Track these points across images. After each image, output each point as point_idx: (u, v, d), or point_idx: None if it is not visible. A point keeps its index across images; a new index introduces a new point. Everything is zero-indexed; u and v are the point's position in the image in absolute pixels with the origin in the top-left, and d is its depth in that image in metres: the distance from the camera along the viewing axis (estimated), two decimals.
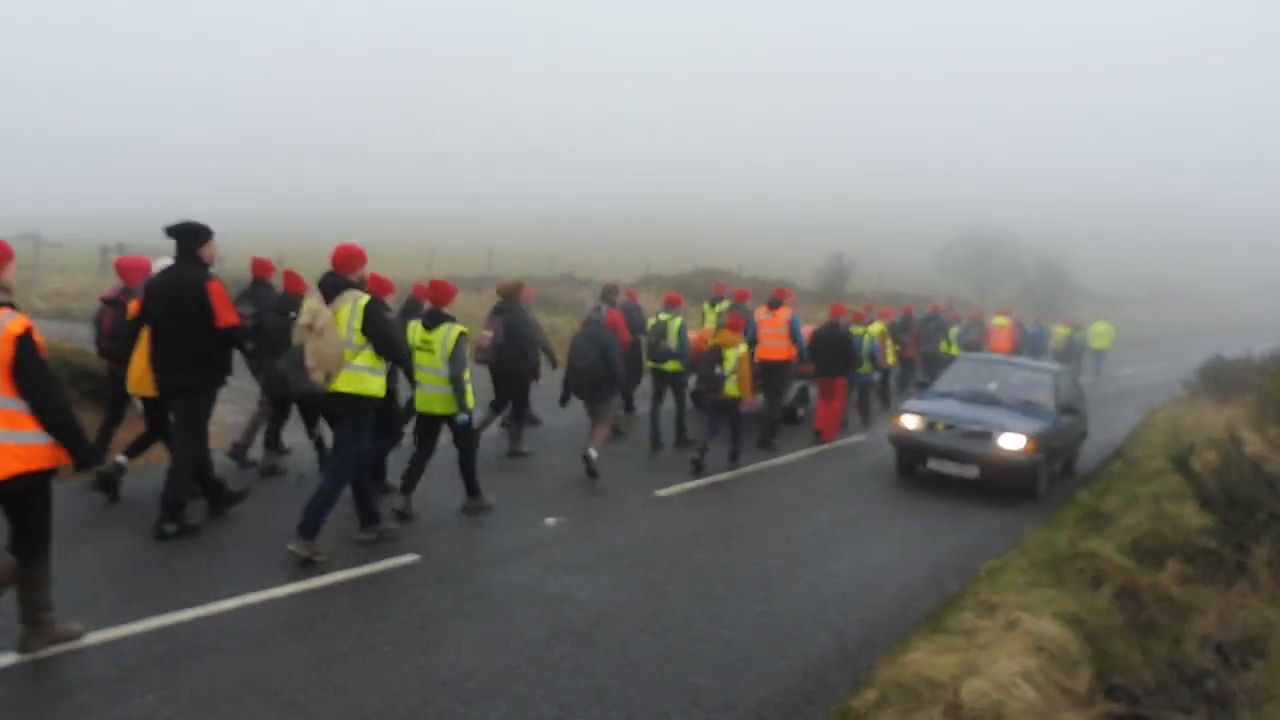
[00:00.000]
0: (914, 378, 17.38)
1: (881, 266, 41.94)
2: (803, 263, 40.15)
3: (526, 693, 4.32)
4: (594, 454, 8.61)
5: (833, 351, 11.36)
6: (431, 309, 6.93)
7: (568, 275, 30.78)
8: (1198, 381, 15.44)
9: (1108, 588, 5.37)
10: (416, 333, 6.86)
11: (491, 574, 5.91)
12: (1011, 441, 9.01)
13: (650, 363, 10.57)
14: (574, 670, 4.60)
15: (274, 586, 5.32)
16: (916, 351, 17.67)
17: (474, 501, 7.21)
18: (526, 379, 9.10)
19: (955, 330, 18.95)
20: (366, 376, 5.82)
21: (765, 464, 10.01)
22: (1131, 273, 60.71)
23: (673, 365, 10.26)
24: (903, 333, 16.62)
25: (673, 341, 10.14)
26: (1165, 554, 5.83)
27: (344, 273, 5.91)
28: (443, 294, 6.96)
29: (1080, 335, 22.73)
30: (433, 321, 6.82)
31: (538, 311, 15.11)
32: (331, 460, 6.02)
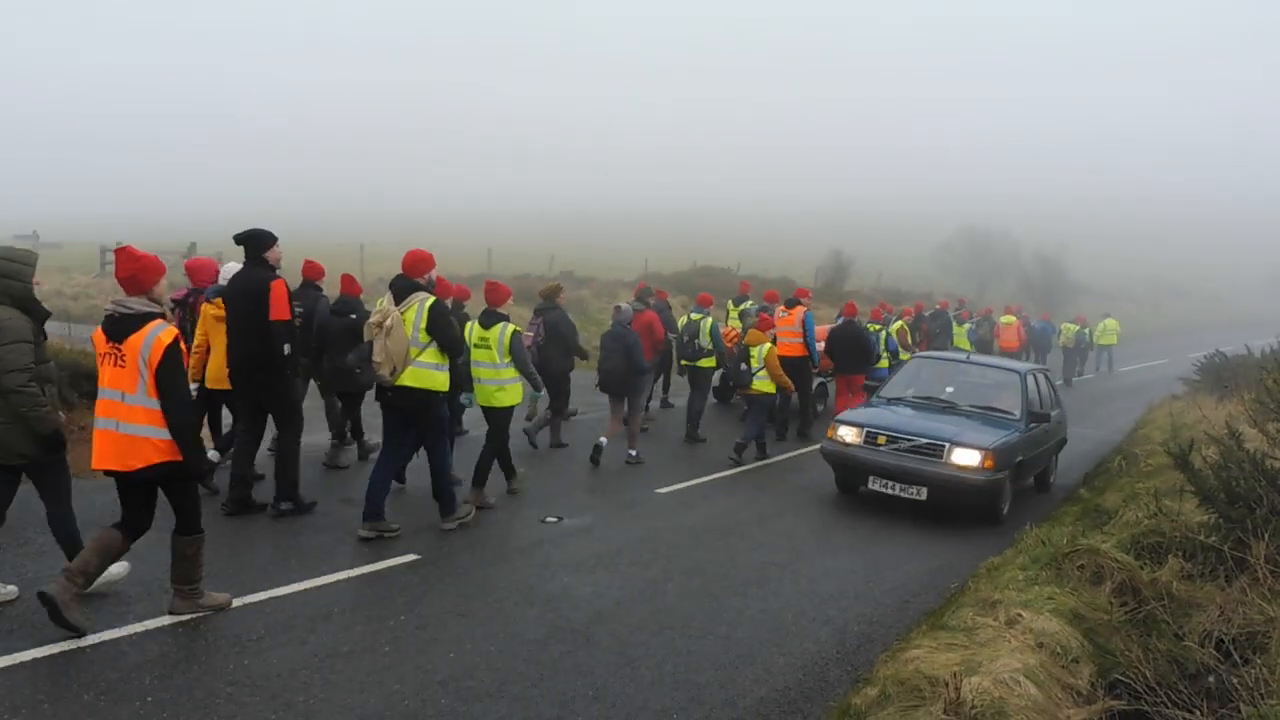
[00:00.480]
0: None
1: (880, 264, 41.91)
2: (802, 260, 40.13)
3: (526, 692, 4.32)
4: (633, 453, 9.33)
5: (850, 349, 11.61)
6: (487, 309, 7.48)
7: (567, 274, 30.76)
8: (1197, 377, 15.43)
9: (1108, 584, 5.35)
10: (474, 331, 7.39)
11: (491, 573, 5.91)
12: (965, 457, 7.82)
13: (684, 361, 11.05)
14: (573, 669, 4.60)
15: (273, 587, 5.31)
16: (927, 348, 17.80)
17: (511, 482, 7.83)
18: (568, 377, 9.63)
19: (966, 327, 19.13)
20: (431, 372, 6.26)
21: (767, 461, 10.01)
22: (1130, 269, 60.63)
23: (705, 362, 10.79)
24: (913, 330, 16.79)
25: (705, 340, 10.69)
26: (1165, 550, 5.82)
27: (413, 276, 6.36)
28: (497, 295, 7.57)
29: (1087, 332, 22.81)
30: (489, 320, 7.36)
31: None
32: (432, 451, 6.58)
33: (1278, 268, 69.24)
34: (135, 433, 4.47)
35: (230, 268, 7.08)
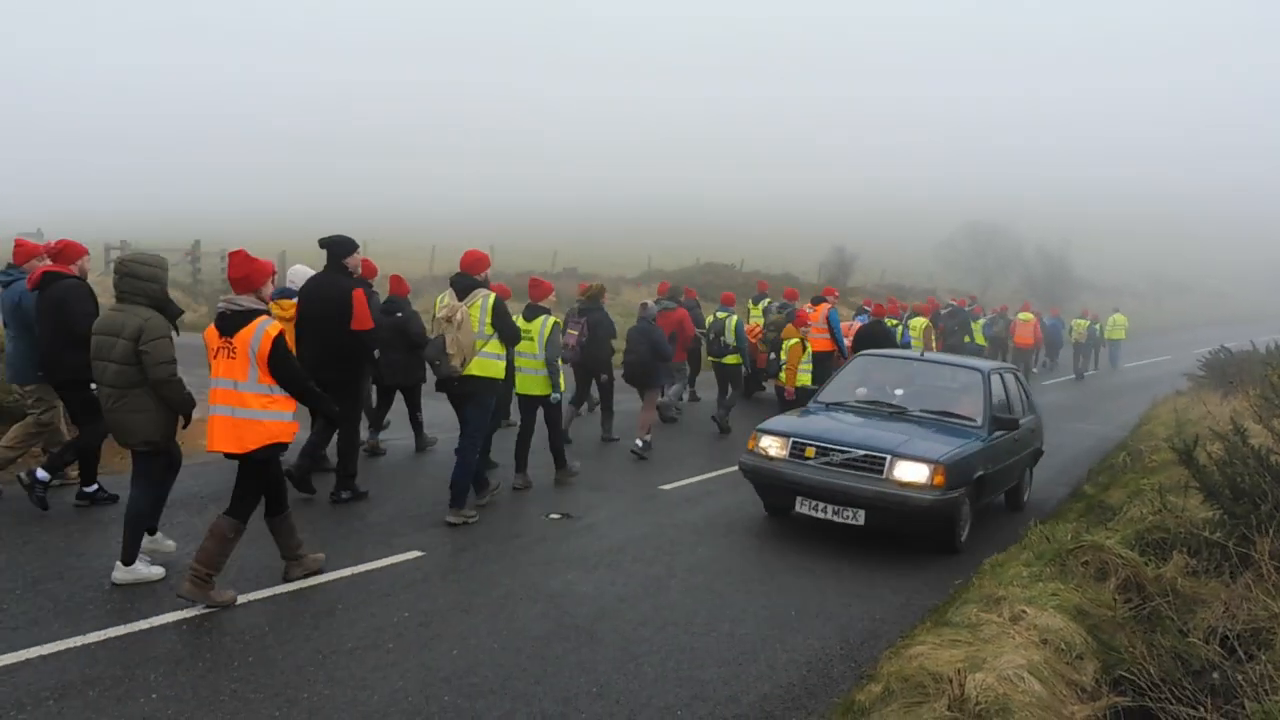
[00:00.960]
0: None
1: (883, 260, 41.88)
2: (805, 257, 40.10)
3: (529, 689, 4.32)
4: (639, 443, 9.52)
5: (875, 345, 11.83)
6: (530, 303, 7.98)
7: (570, 271, 30.76)
8: (1202, 373, 15.41)
9: (1113, 580, 5.34)
10: (518, 323, 7.72)
11: (494, 569, 5.91)
12: (911, 472, 6.60)
13: (710, 358, 11.68)
14: (577, 666, 4.60)
15: (277, 584, 5.32)
16: (943, 346, 18.04)
17: (563, 473, 8.25)
18: (612, 373, 10.19)
19: (981, 323, 19.29)
20: (493, 362, 6.81)
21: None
22: (1134, 264, 60.51)
23: (731, 359, 11.33)
24: (932, 328, 17.01)
25: (730, 338, 11.24)
26: (1170, 546, 5.81)
27: (472, 273, 6.87)
28: (539, 291, 8.08)
29: (1099, 327, 22.91)
30: (531, 314, 7.90)
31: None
32: (462, 437, 6.85)
33: None
34: (248, 416, 4.91)
35: (298, 270, 7.46)
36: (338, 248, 6.89)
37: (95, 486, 6.51)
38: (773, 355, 10.38)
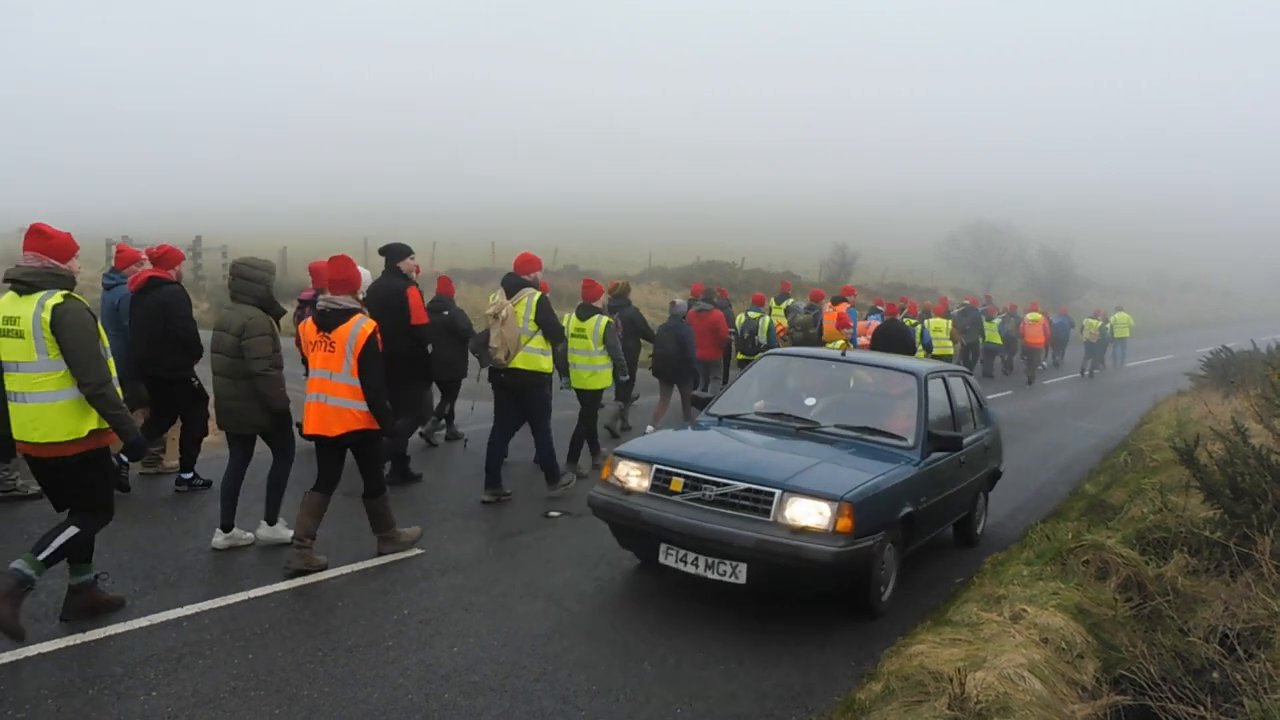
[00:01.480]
0: None
1: (885, 258, 41.87)
2: (806, 255, 40.10)
3: (529, 686, 4.32)
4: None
5: (893, 345, 12.12)
6: (582, 303, 8.51)
7: (571, 268, 30.79)
8: (1203, 373, 15.41)
9: (1113, 580, 5.34)
10: (571, 322, 8.42)
11: (494, 567, 5.91)
12: (806, 513, 4.97)
13: (740, 355, 12.16)
14: (576, 664, 4.60)
15: (277, 582, 5.32)
16: (958, 344, 18.68)
17: (596, 458, 8.70)
18: (636, 366, 10.59)
19: (994, 322, 19.66)
20: (538, 356, 7.24)
21: None
22: (1136, 264, 60.49)
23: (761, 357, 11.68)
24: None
25: (763, 336, 11.83)
26: (1171, 546, 5.81)
27: (523, 274, 7.37)
28: (592, 292, 8.60)
29: (1109, 326, 23.14)
30: (585, 313, 8.43)
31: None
32: (537, 434, 7.45)
33: None
34: (339, 404, 5.43)
35: (363, 272, 7.68)
36: (394, 254, 7.30)
37: (193, 474, 7.08)
38: None
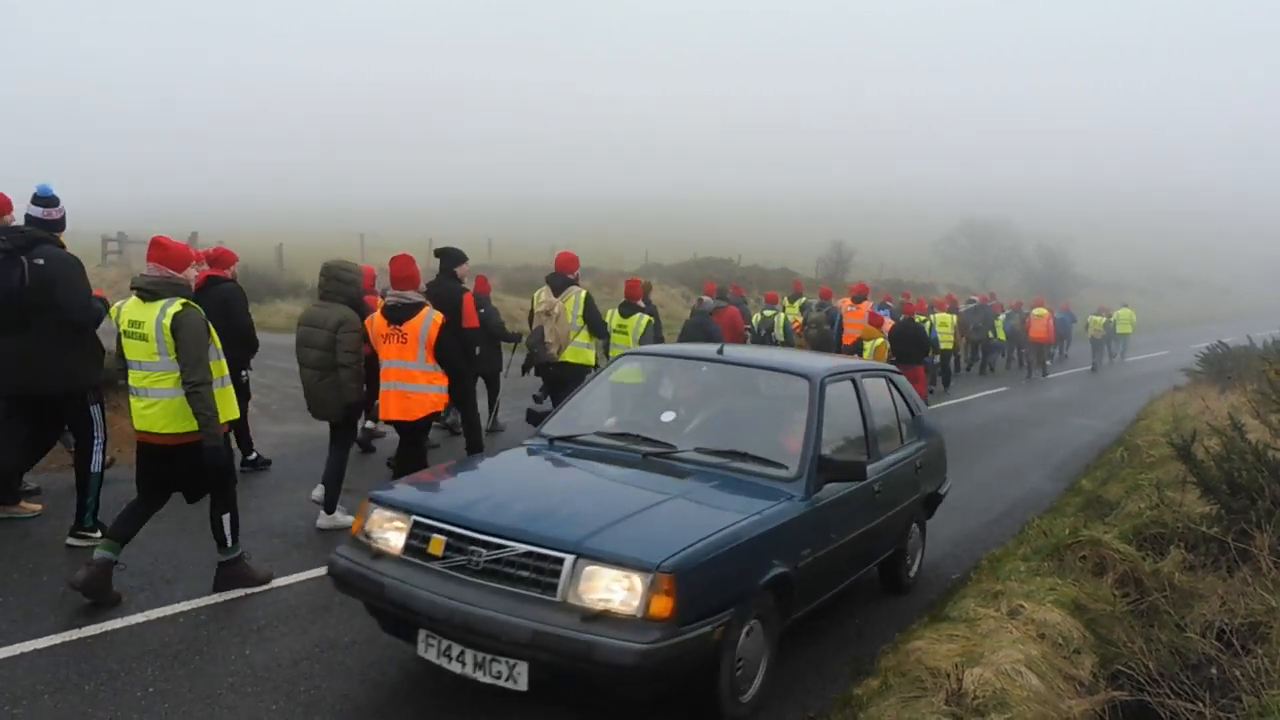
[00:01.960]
0: (958, 366, 19.01)
1: (881, 255, 41.88)
2: (803, 252, 40.10)
3: None
4: None
5: (911, 343, 12.32)
6: (625, 301, 8.96)
7: None
8: (1199, 368, 15.44)
9: (1110, 575, 5.35)
10: (614, 319, 8.83)
11: None
12: (605, 588, 3.47)
13: None
14: None
15: (277, 576, 5.31)
16: (964, 340, 19.15)
17: None
18: None
19: (1000, 319, 19.95)
20: (584, 350, 7.94)
21: None
22: (1133, 260, 60.55)
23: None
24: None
25: (779, 333, 12.50)
26: (1167, 541, 5.81)
27: (566, 272, 8.00)
28: (635, 291, 9.04)
29: (1113, 323, 23.43)
30: (627, 311, 8.86)
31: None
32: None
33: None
34: (416, 390, 5.98)
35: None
36: (452, 258, 7.69)
37: (255, 454, 7.70)
38: (857, 356, 10.81)
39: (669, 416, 5.10)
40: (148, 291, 4.70)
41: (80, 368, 5.48)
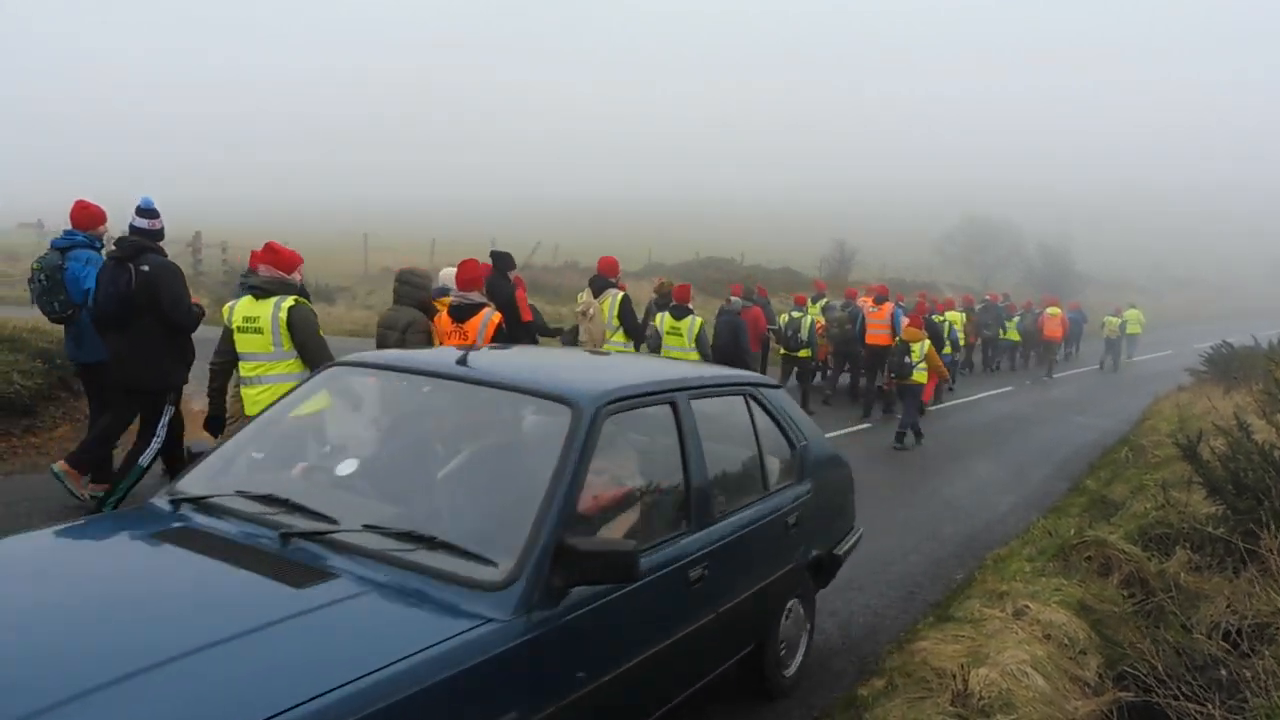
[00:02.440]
0: (965, 365, 19.13)
1: (883, 254, 41.85)
2: (805, 251, 40.08)
3: None
4: None
5: (932, 342, 12.50)
6: (676, 304, 9.30)
7: (571, 264, 30.72)
8: (1204, 368, 15.40)
9: (1116, 576, 5.33)
10: (666, 321, 9.18)
11: None
12: None
13: (784, 350, 13.14)
14: None
15: None
16: (978, 340, 19.41)
17: None
18: None
19: (1014, 320, 20.18)
20: (620, 350, 8.20)
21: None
22: (1135, 259, 60.48)
23: (804, 352, 13.02)
24: (965, 322, 17.88)
25: (805, 334, 12.83)
26: (1173, 542, 5.79)
27: (607, 276, 8.41)
28: (685, 294, 9.47)
29: (1122, 322, 23.64)
30: (680, 314, 9.20)
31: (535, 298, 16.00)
32: None
33: None
34: None
35: (448, 272, 8.41)
36: (507, 262, 8.12)
37: None
38: (906, 359, 10.90)
39: (347, 468, 3.36)
40: (262, 290, 5.26)
41: (170, 369, 5.91)
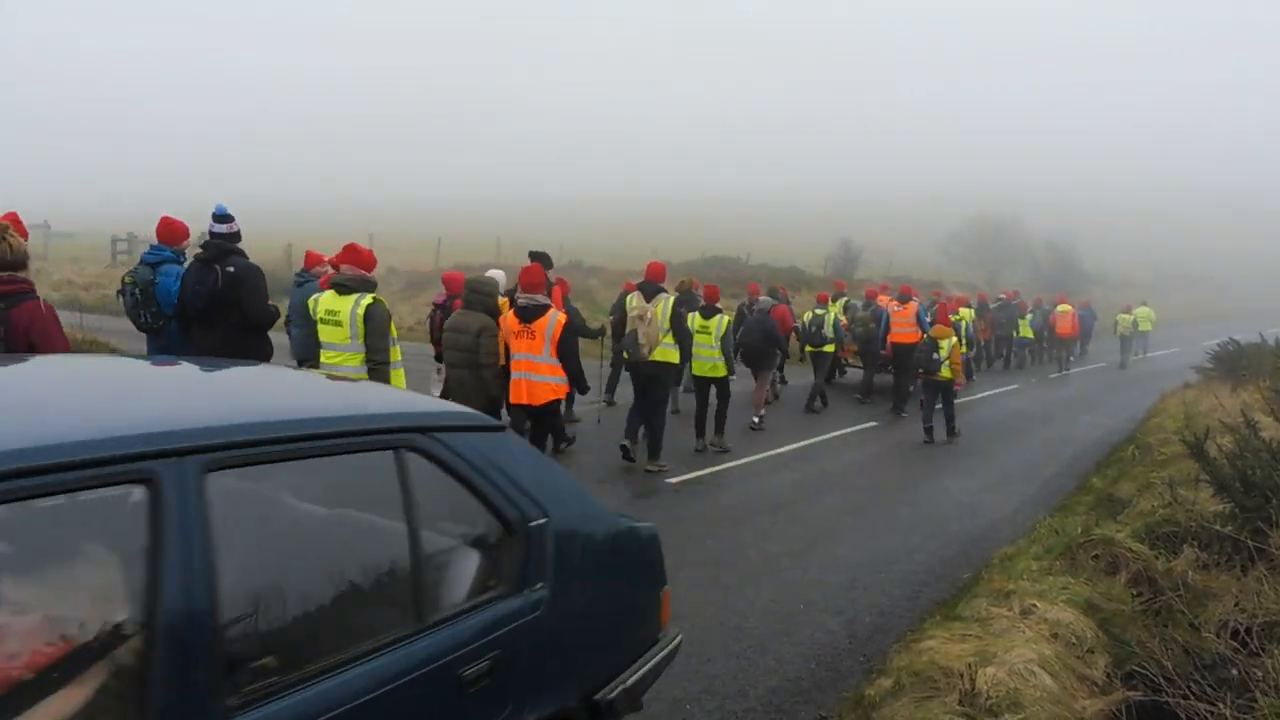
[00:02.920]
0: (984, 359, 19.53)
1: (889, 253, 41.76)
2: (811, 250, 40.02)
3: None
4: (755, 419, 11.05)
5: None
6: (705, 304, 9.82)
7: (575, 264, 30.73)
8: (1210, 366, 15.34)
9: (1123, 574, 5.32)
10: (696, 320, 9.54)
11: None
12: None
13: (809, 347, 13.61)
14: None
15: None
16: (991, 336, 19.64)
17: (719, 440, 9.79)
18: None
19: (1027, 319, 20.33)
20: (670, 350, 8.68)
21: (784, 449, 9.98)
22: (1142, 258, 60.29)
23: (829, 348, 13.51)
24: (978, 319, 17.87)
25: (829, 331, 13.32)
26: (1181, 540, 5.77)
27: (656, 281, 8.83)
28: (714, 294, 9.99)
29: (1134, 320, 23.78)
30: (709, 313, 9.67)
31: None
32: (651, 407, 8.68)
33: None
34: (542, 380, 6.91)
35: (494, 273, 8.39)
36: (546, 262, 8.39)
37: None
38: (935, 355, 11.09)
39: None
40: (344, 287, 5.84)
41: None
